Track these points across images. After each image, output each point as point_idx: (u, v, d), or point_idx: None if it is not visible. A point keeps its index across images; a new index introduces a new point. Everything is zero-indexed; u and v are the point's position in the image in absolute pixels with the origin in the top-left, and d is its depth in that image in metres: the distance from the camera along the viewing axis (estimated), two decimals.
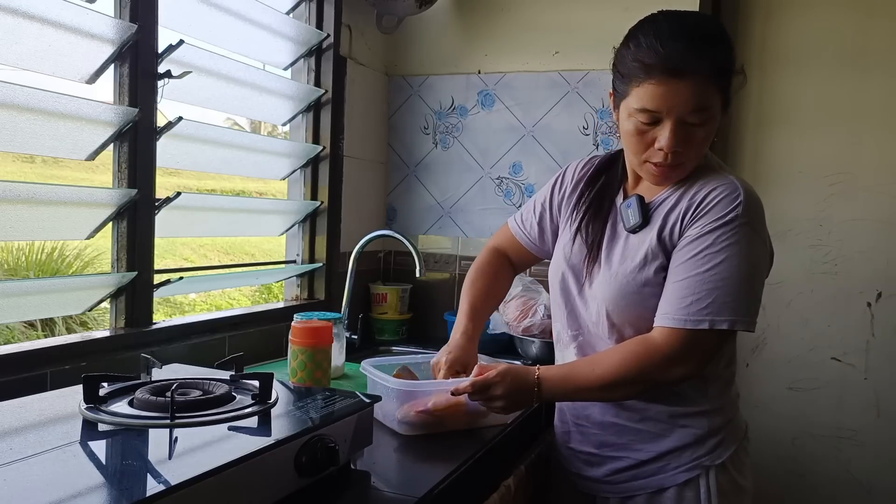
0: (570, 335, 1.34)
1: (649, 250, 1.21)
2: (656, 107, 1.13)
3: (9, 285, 1.29)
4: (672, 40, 1.11)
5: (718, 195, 1.17)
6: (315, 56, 2.06)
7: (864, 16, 2.15)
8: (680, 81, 1.10)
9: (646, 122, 1.15)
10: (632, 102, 1.16)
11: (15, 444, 0.85)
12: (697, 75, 1.10)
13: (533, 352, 1.93)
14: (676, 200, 1.22)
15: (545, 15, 2.20)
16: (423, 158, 2.38)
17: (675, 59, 1.10)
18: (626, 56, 1.17)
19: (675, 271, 1.18)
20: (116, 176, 1.48)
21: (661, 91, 1.12)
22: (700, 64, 1.10)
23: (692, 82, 1.10)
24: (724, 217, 1.15)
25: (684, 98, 1.11)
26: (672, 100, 1.12)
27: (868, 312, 2.18)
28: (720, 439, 1.25)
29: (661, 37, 1.12)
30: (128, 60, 1.45)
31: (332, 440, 0.97)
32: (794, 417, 2.26)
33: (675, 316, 1.15)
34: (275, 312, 1.91)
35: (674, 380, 1.19)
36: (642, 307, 1.21)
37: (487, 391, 1.24)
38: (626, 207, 1.27)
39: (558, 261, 1.37)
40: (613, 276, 1.24)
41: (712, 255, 1.14)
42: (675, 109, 1.12)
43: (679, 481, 1.24)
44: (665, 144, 1.14)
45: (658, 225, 1.22)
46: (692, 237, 1.17)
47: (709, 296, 1.13)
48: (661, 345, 1.16)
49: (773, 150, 2.27)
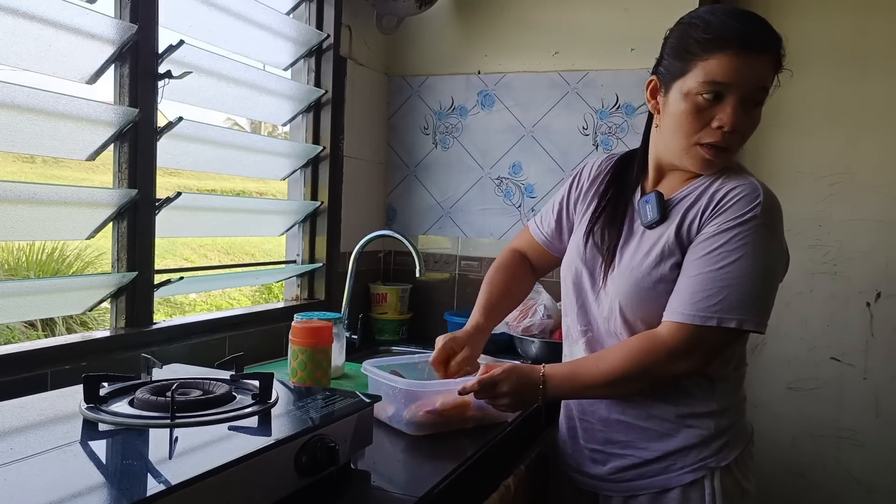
0: (580, 330, 1.34)
1: (666, 246, 1.21)
2: (728, 79, 1.13)
3: (9, 285, 1.30)
4: (747, 20, 1.15)
5: (738, 194, 1.17)
6: (315, 56, 2.06)
7: (863, 16, 2.15)
8: (757, 55, 1.13)
9: (709, 98, 1.15)
10: (696, 78, 1.15)
11: (15, 444, 0.85)
12: (771, 54, 1.14)
13: (533, 352, 1.93)
14: (697, 197, 1.22)
15: (545, 15, 2.20)
16: (422, 158, 2.38)
17: (754, 34, 1.13)
18: (693, 32, 1.17)
19: (689, 267, 1.18)
20: (117, 176, 1.48)
21: (736, 63, 1.12)
22: (773, 44, 1.15)
23: (767, 58, 1.14)
24: (743, 216, 1.15)
25: (757, 73, 1.13)
26: (746, 72, 1.13)
27: (867, 312, 2.18)
28: (726, 441, 1.24)
29: (734, 15, 1.15)
30: (128, 61, 1.45)
31: (332, 440, 0.97)
32: (794, 417, 2.26)
33: (685, 311, 1.15)
34: (275, 312, 1.92)
35: (677, 374, 1.18)
36: (656, 303, 1.21)
37: (493, 389, 1.24)
38: (645, 203, 1.27)
39: (572, 256, 1.37)
40: (629, 272, 1.24)
41: (727, 254, 1.14)
42: (745, 83, 1.13)
43: (684, 482, 1.23)
44: (727, 121, 1.14)
45: (677, 221, 1.22)
46: (709, 234, 1.17)
47: (720, 293, 1.13)
48: (667, 339, 1.16)
49: (773, 150, 2.27)
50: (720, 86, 1.14)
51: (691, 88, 1.16)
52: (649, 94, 1.26)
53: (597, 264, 1.31)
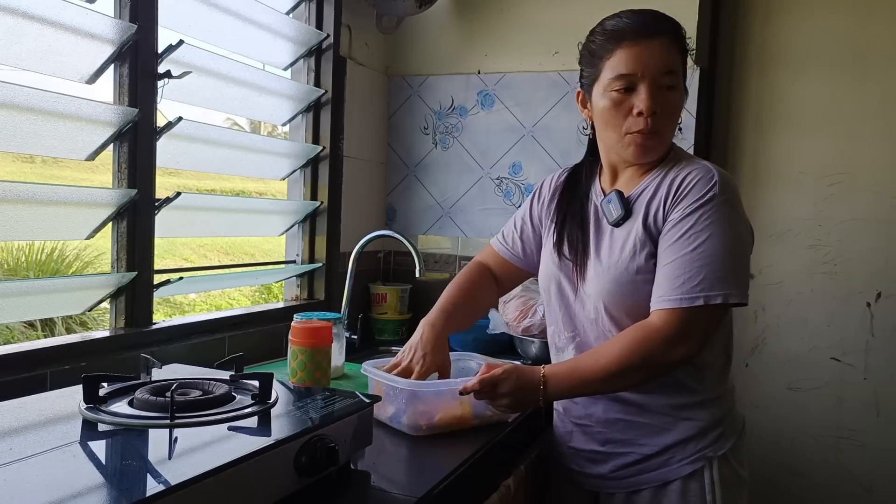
0: (567, 337, 1.36)
1: (637, 240, 1.25)
2: (631, 69, 1.21)
3: (9, 285, 1.29)
4: (637, 13, 1.25)
5: (694, 177, 1.22)
6: (315, 56, 2.06)
7: (863, 16, 2.15)
8: (651, 41, 1.21)
9: (622, 90, 1.22)
10: (606, 76, 1.24)
11: (15, 444, 0.85)
12: (665, 36, 1.22)
13: (533, 352, 1.93)
14: (656, 188, 1.26)
15: (545, 15, 2.20)
16: (422, 158, 2.38)
17: (642, 23, 1.22)
18: (594, 38, 1.28)
19: (664, 255, 1.21)
20: (116, 176, 1.48)
21: (634, 52, 1.21)
22: (665, 27, 1.23)
23: (661, 42, 1.21)
24: (703, 197, 1.20)
25: (657, 57, 1.21)
26: (646, 59, 1.21)
27: (868, 312, 2.18)
28: (722, 431, 1.27)
29: (627, 13, 1.25)
30: (128, 60, 1.45)
31: (332, 440, 0.97)
32: (794, 417, 2.26)
33: (670, 297, 1.17)
34: (275, 312, 1.91)
35: (677, 360, 1.19)
36: (637, 296, 1.23)
37: (494, 389, 1.25)
38: (607, 203, 1.31)
39: (547, 266, 1.40)
40: (605, 270, 1.27)
41: (697, 234, 1.18)
42: (649, 69, 1.21)
43: (684, 473, 1.26)
44: (644, 105, 1.21)
45: (641, 214, 1.26)
46: (675, 220, 1.21)
47: (699, 273, 1.16)
48: (661, 326, 1.18)
49: (773, 151, 2.27)
50: (627, 77, 1.22)
51: (606, 86, 1.25)
52: (580, 105, 1.35)
53: (572, 270, 1.34)
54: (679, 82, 1.24)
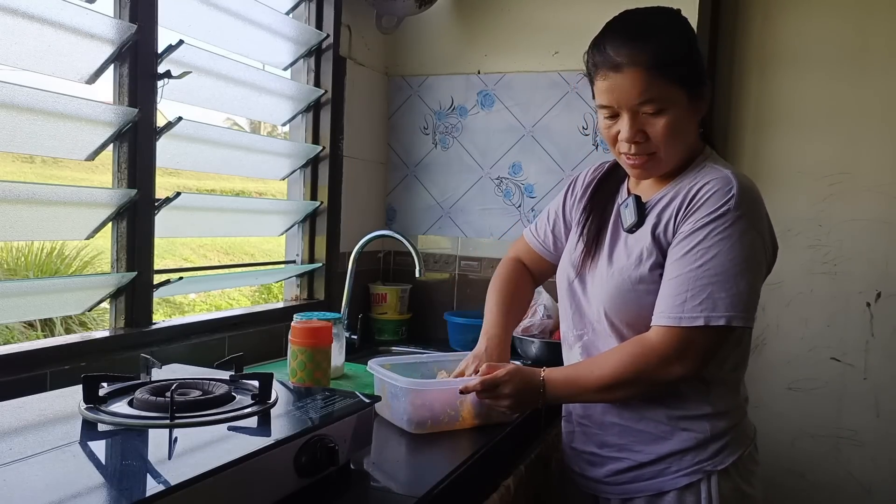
0: (575, 335, 1.35)
1: (644, 248, 1.22)
2: (608, 101, 1.18)
3: (9, 285, 1.29)
4: (612, 35, 1.17)
5: (711, 189, 1.17)
6: (315, 56, 2.06)
7: (863, 16, 2.15)
8: (618, 75, 1.15)
9: (607, 117, 1.21)
10: (596, 100, 1.22)
11: (15, 444, 0.85)
12: (634, 68, 1.14)
13: (533, 352, 1.93)
14: (671, 197, 1.22)
15: (545, 15, 2.20)
16: (422, 158, 2.38)
17: (612, 54, 1.15)
18: (588, 58, 1.23)
19: (670, 269, 1.18)
20: (116, 176, 1.48)
21: (606, 86, 1.17)
22: (637, 58, 1.13)
23: (630, 76, 1.14)
24: (717, 211, 1.15)
25: (626, 91, 1.15)
26: (616, 93, 1.16)
27: (867, 312, 2.18)
28: (723, 444, 1.22)
29: (607, 35, 1.18)
30: (127, 60, 1.45)
31: (332, 440, 0.97)
32: (794, 417, 2.26)
33: (671, 314, 1.14)
34: (274, 312, 1.91)
35: (672, 379, 1.17)
36: (638, 305, 1.21)
37: (496, 389, 1.25)
38: (625, 207, 1.29)
39: (565, 262, 1.39)
40: (611, 276, 1.25)
41: (705, 251, 1.14)
42: (623, 102, 1.16)
43: (679, 485, 1.22)
44: (623, 136, 1.19)
45: (652, 223, 1.23)
46: (685, 233, 1.17)
47: (703, 292, 1.12)
48: (657, 344, 1.16)
49: (773, 150, 2.27)
50: (607, 108, 1.19)
51: (597, 108, 1.23)
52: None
53: (586, 269, 1.32)
54: (667, 105, 1.15)
